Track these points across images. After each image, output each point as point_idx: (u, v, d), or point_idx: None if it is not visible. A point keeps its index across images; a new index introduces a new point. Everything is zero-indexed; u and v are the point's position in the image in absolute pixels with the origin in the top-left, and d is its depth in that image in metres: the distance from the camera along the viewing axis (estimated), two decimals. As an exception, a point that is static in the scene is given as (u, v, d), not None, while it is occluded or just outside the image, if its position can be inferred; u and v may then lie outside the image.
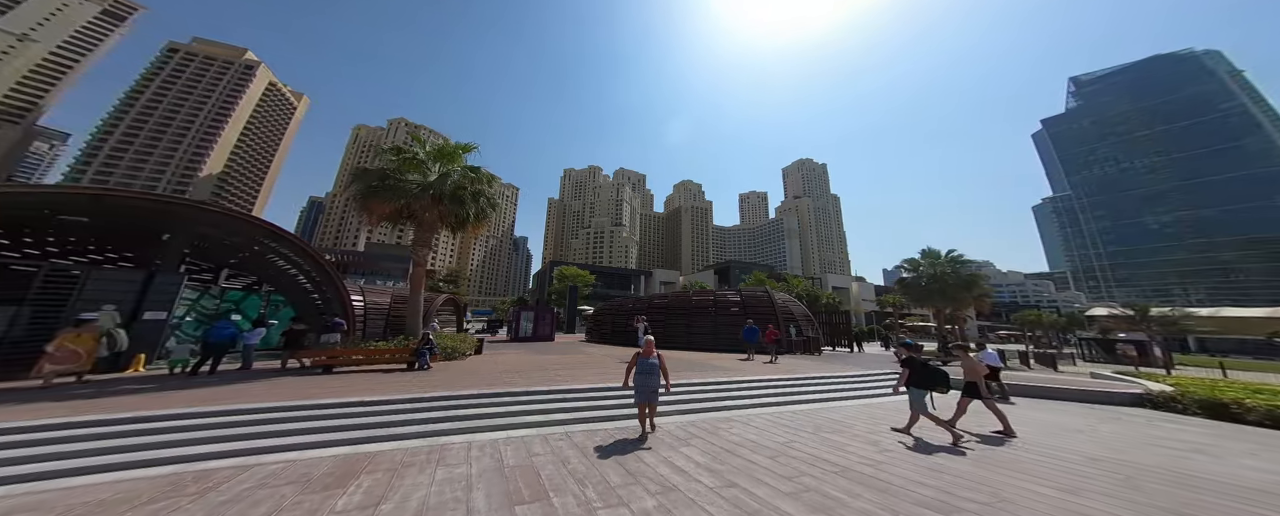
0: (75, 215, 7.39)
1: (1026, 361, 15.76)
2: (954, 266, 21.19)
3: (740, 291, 19.06)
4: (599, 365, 10.04)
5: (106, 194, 6.76)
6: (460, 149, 11.72)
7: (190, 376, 6.63)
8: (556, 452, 4.06)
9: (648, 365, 4.53)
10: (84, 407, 4.33)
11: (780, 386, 7.80)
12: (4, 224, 7.39)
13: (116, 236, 8.76)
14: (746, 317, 15.14)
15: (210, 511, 2.57)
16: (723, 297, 18.97)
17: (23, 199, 6.77)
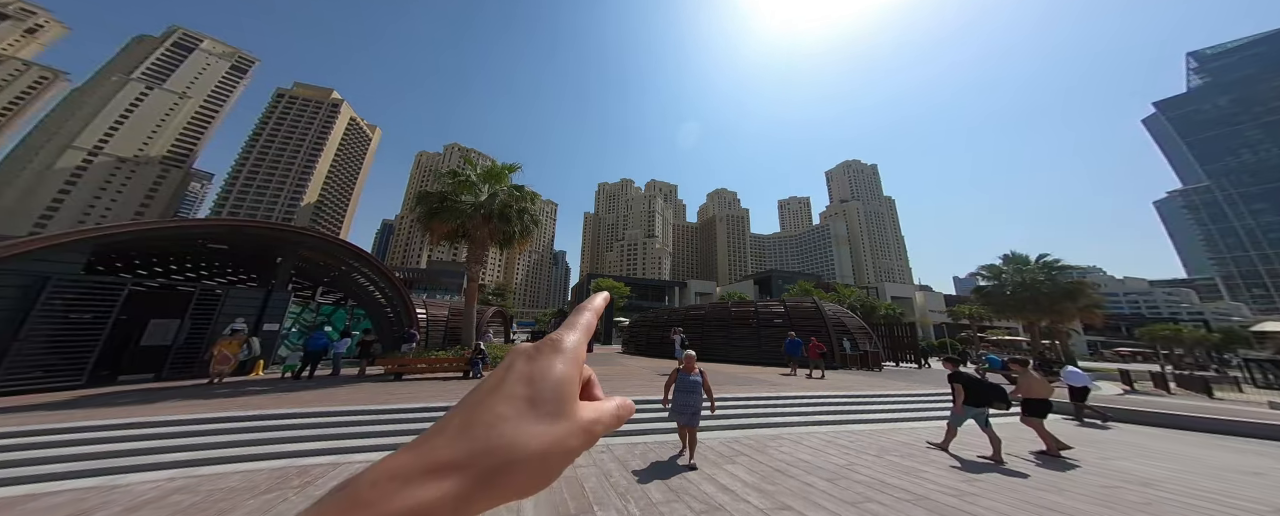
0: (218, 243, 9.19)
1: (1163, 384, 12.72)
2: (1048, 273, 18.40)
3: (784, 302, 17.97)
4: (636, 377, 9.97)
5: (241, 224, 8.34)
6: (506, 169, 12.67)
7: (295, 380, 7.74)
8: (598, 465, 4.06)
9: (689, 382, 4.09)
10: (224, 406, 5.22)
11: (835, 403, 7.16)
12: (172, 252, 9.40)
13: (243, 260, 10.68)
14: (791, 330, 14.21)
15: (251, 512, 2.86)
16: (765, 308, 18.02)
17: (187, 230, 8.58)
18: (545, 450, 0.19)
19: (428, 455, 0.17)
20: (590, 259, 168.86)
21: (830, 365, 12.84)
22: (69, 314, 6.32)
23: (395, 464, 0.17)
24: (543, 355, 0.23)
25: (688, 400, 4.05)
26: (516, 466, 0.18)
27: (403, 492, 0.16)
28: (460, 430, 0.18)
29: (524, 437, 0.19)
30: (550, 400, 0.21)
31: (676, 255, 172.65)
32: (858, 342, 15.41)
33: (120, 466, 3.52)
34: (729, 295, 56.22)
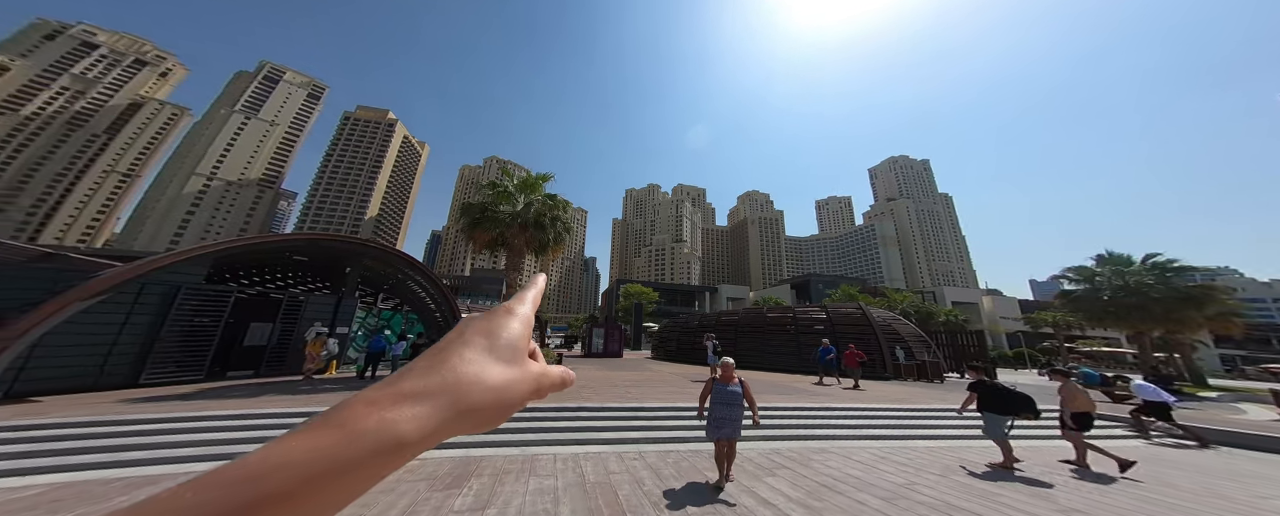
0: (300, 255, 10.56)
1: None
2: (1160, 275, 15.76)
3: (825, 307, 16.93)
4: (668, 382, 9.86)
5: (318, 238, 9.53)
6: (540, 179, 13.30)
7: (360, 379, 8.66)
8: (632, 472, 4.07)
9: (727, 392, 3.63)
10: (309, 401, 6.00)
11: (890, 417, 6.62)
12: (265, 263, 10.95)
13: (319, 270, 12.16)
14: (834, 337, 13.37)
15: (375, 493, 3.21)
16: (804, 314, 17.09)
17: (278, 244, 9.98)
18: (503, 386, 0.22)
19: (397, 386, 0.20)
20: (619, 265, 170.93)
21: (880, 375, 11.82)
22: (193, 318, 7.57)
23: (368, 394, 0.20)
24: (499, 316, 0.26)
25: (728, 412, 3.61)
26: (479, 395, 0.21)
27: (374, 413, 0.18)
28: (426, 370, 0.21)
29: (486, 374, 0.22)
30: (506, 349, 0.24)
31: (706, 260, 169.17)
32: (913, 351, 14.08)
33: (235, 452, 4.13)
34: (764, 300, 54.12)
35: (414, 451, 0.19)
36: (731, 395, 3.63)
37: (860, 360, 9.92)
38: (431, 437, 0.20)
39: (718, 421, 3.59)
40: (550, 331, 34.95)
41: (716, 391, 3.70)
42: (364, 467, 0.17)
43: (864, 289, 51.51)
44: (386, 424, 0.18)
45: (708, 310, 65.90)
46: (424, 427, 0.19)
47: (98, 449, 3.95)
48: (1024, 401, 4.43)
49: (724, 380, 3.74)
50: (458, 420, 0.20)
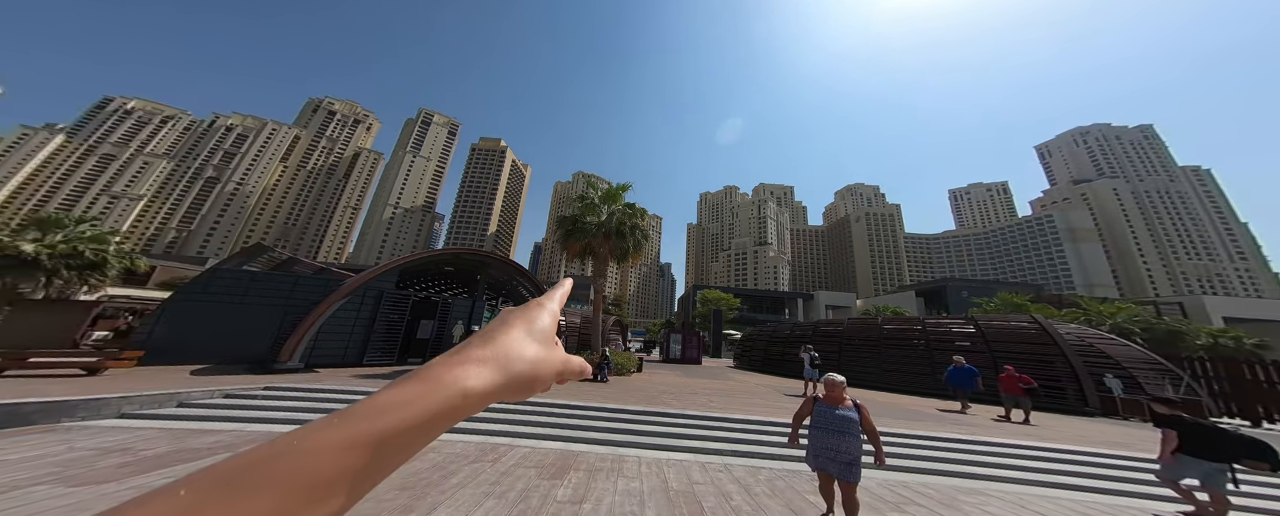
0: (448, 266, 13.71)
1: None
2: None
3: (974, 319, 13.49)
4: (753, 394, 9.29)
5: (461, 252, 12.25)
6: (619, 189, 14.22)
7: None
8: (717, 485, 4.01)
9: (837, 418, 2.88)
10: None
11: (1076, 460, 4.92)
12: (426, 272, 14.53)
13: (460, 278, 15.53)
14: (992, 357, 10.54)
15: (499, 476, 3.90)
16: (938, 327, 13.96)
17: (436, 257, 13.21)
18: (537, 360, 0.28)
19: (464, 353, 0.27)
20: (695, 270, 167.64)
21: (1076, 409, 8.84)
22: (390, 316, 10.58)
23: (444, 358, 0.26)
24: (532, 310, 0.32)
25: (838, 444, 2.82)
26: (521, 366, 0.27)
27: (450, 371, 0.25)
28: (483, 343, 0.28)
29: (526, 350, 0.28)
30: (540, 334, 0.30)
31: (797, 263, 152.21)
32: (1141, 382, 10.16)
33: None
34: (879, 309, 45.68)
35: (475, 404, 0.25)
36: (842, 421, 2.85)
37: (1026, 386, 7.66)
38: (488, 395, 0.26)
39: (824, 451, 2.86)
40: (630, 335, 36.50)
41: (819, 414, 2.97)
42: (443, 411, 0.23)
43: (1039, 297, 38.73)
44: (459, 378, 0.24)
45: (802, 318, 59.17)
46: (484, 385, 0.25)
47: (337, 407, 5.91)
48: (1247, 446, 3.52)
49: (830, 401, 2.98)
50: (506, 383, 0.27)
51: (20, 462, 3.35)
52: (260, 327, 8.90)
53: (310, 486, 0.17)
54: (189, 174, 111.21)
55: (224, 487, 0.16)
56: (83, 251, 12.20)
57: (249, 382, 6.34)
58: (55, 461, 3.42)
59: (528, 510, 3.09)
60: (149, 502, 0.16)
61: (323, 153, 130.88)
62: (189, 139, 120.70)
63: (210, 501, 0.15)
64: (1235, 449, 3.62)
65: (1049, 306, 28.30)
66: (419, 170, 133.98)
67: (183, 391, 5.50)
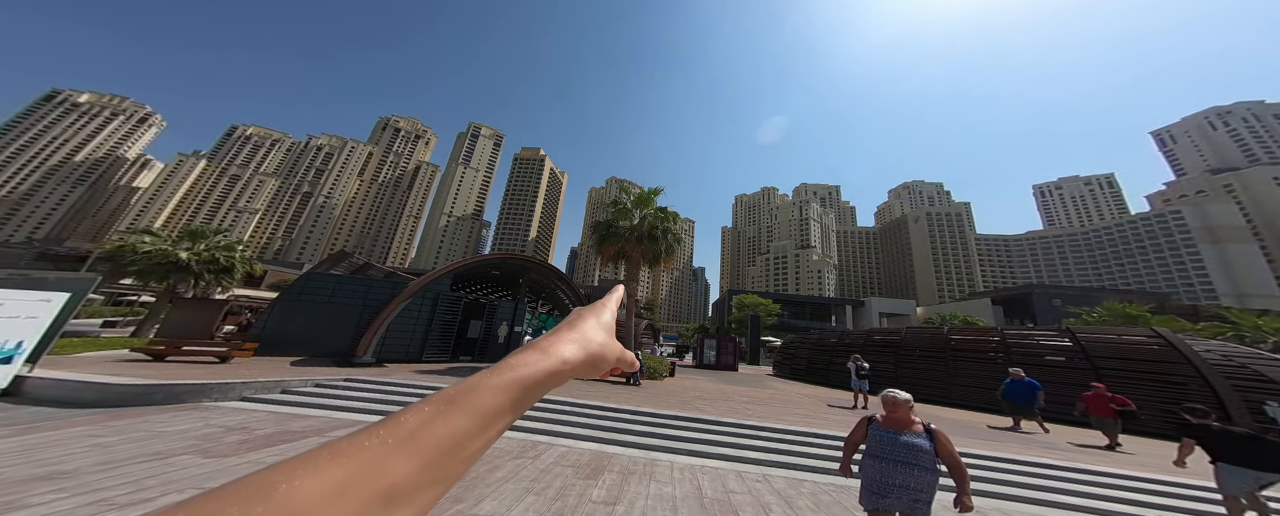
0: (494, 269, 14.73)
1: None
2: None
3: (1071, 331, 11.68)
4: (794, 404, 8.79)
5: (506, 257, 13.11)
6: (651, 193, 14.30)
7: None
8: (754, 495, 3.88)
9: (903, 446, 2.26)
10: None
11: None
12: (476, 276, 15.72)
13: (504, 281, 16.60)
14: (1097, 375, 9.10)
15: (539, 472, 4.07)
16: (1022, 340, 12.29)
17: (484, 263, 14.27)
18: (605, 344, 0.36)
19: (559, 334, 0.34)
20: (730, 274, 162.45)
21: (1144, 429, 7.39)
22: (444, 316, 11.61)
23: (548, 336, 0.34)
24: (598, 308, 0.41)
25: (903, 477, 2.19)
26: (594, 347, 0.34)
27: (555, 344, 0.32)
28: (568, 328, 0.36)
29: (599, 335, 0.36)
30: (605, 326, 0.38)
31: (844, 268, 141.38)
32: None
33: None
34: (945, 318, 40.85)
35: (570, 371, 0.32)
36: (908, 450, 2.24)
37: (1120, 407, 6.70)
38: (578, 365, 0.32)
39: (877, 487, 2.26)
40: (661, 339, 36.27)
41: (876, 440, 2.37)
42: (553, 371, 0.30)
43: (1163, 308, 32.15)
44: (561, 349, 0.32)
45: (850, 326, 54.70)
46: (574, 356, 0.32)
47: (401, 403, 6.58)
48: None
49: (892, 423, 2.37)
50: (586, 358, 0.33)
51: (175, 435, 4.21)
52: (343, 325, 10.24)
53: (485, 413, 0.24)
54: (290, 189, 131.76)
55: (447, 405, 0.23)
56: (218, 258, 14.98)
57: (334, 374, 7.33)
58: (195, 435, 4.24)
59: (565, 508, 3.21)
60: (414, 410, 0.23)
61: (390, 167, 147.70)
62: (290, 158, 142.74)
63: (439, 413, 0.23)
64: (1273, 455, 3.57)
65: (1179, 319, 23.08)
66: (469, 181, 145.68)
67: (285, 380, 6.51)
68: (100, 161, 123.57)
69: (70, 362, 6.70)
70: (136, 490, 2.89)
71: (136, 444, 3.82)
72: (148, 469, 3.27)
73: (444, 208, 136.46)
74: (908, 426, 2.35)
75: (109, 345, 8.88)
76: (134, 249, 13.44)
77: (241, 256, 16.02)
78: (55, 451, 3.51)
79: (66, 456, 3.41)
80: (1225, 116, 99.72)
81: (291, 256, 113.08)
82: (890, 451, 2.29)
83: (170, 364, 7.32)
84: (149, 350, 7.66)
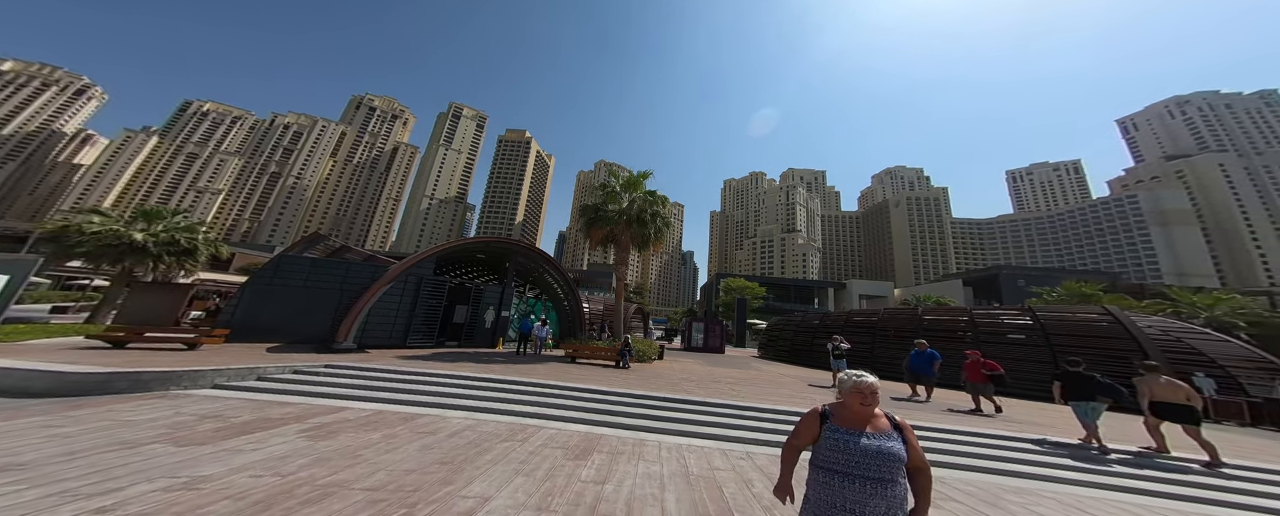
0: (480, 253, 14.38)
1: None
2: None
3: (1031, 310, 12.46)
4: (777, 384, 9.16)
5: (491, 240, 12.82)
6: (640, 177, 14.08)
7: (518, 354, 11.07)
8: (738, 472, 4.03)
9: (864, 451, 1.64)
10: (487, 369, 8.20)
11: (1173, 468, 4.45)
12: (459, 259, 15.34)
13: (490, 265, 16.27)
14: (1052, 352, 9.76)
15: (527, 455, 4.09)
16: (988, 318, 13.01)
17: (470, 246, 13.89)
18: None
19: None
20: (718, 258, 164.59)
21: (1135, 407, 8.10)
22: (429, 301, 11.34)
23: None
24: None
25: (876, 501, 1.57)
26: None
27: None
28: None
29: None
30: None
31: (828, 251, 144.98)
32: (1245, 384, 9.16)
33: (446, 404, 5.87)
34: (920, 299, 42.89)
35: None
36: (879, 458, 1.61)
37: (990, 372, 7.26)
38: None
39: (833, 507, 1.60)
40: (651, 323, 36.86)
41: (832, 443, 1.70)
42: None
43: (1114, 287, 34.63)
44: None
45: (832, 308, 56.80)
46: None
47: (385, 388, 6.46)
48: (1102, 387, 5.33)
49: (852, 420, 1.73)
50: None
51: (143, 423, 4.02)
52: (320, 310, 9.89)
53: None
54: (256, 169, 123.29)
55: None
56: (179, 240, 14.03)
57: (313, 360, 7.12)
58: (166, 423, 4.07)
59: (554, 488, 3.27)
60: None
61: (366, 147, 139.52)
62: (254, 137, 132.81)
63: None
64: (1094, 389, 5.32)
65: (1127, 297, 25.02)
66: (451, 163, 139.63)
67: (261, 366, 6.29)
68: (33, 135, 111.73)
69: (17, 350, 6.25)
70: (103, 480, 2.76)
71: (100, 433, 3.64)
72: (114, 458, 3.13)
73: (425, 190, 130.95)
74: (873, 424, 1.70)
75: (61, 332, 8.31)
76: (81, 229, 12.39)
77: (205, 238, 15.06)
78: (7, 443, 3.30)
79: (20, 447, 3.21)
80: (1183, 105, 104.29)
81: (261, 239, 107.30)
82: (851, 461, 1.62)
83: (132, 351, 6.93)
84: (108, 337, 7.22)
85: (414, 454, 3.74)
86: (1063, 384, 5.52)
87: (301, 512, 2.49)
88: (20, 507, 2.35)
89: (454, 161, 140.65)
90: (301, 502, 2.62)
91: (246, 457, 3.34)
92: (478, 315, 12.43)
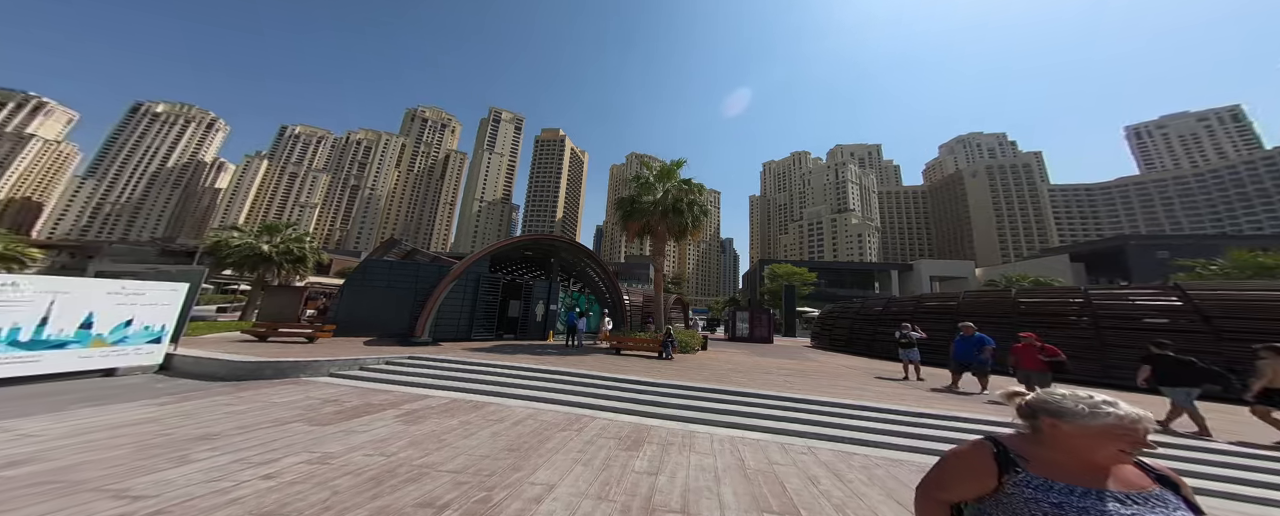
0: (527, 251, 15.31)
1: None
2: None
3: (1180, 287, 10.13)
4: (837, 376, 8.66)
5: (538, 238, 13.59)
6: (674, 166, 13.82)
7: (567, 346, 11.65)
8: (800, 467, 3.91)
9: None
10: (540, 360, 8.80)
11: None
12: (511, 257, 16.46)
13: (536, 262, 17.23)
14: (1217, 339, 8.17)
15: (584, 444, 4.30)
16: (1114, 300, 10.75)
17: (517, 244, 14.85)
18: None
19: None
20: (760, 244, 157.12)
21: None
22: (486, 297, 12.39)
23: None
24: None
25: None
26: None
27: None
28: None
29: None
30: None
31: (889, 231, 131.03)
32: None
33: (508, 393, 6.39)
34: (1010, 279, 37.09)
35: None
36: None
37: (1050, 358, 6.23)
38: None
39: None
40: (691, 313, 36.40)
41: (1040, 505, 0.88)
42: None
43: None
44: None
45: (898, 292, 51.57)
46: None
47: (458, 378, 7.24)
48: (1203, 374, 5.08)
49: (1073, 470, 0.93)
50: None
51: (285, 405, 5.00)
52: (401, 307, 11.31)
53: None
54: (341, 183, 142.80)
55: None
56: (292, 249, 16.90)
57: (400, 352, 8.22)
58: (301, 406, 5.01)
59: (610, 478, 3.45)
60: None
61: (423, 157, 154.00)
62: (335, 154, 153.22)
63: None
64: (1201, 375, 5.04)
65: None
66: (495, 166, 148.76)
67: (362, 358, 7.42)
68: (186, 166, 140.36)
69: (200, 343, 8.08)
70: (266, 451, 3.51)
71: (259, 412, 4.60)
72: (272, 433, 3.94)
73: (475, 193, 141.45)
74: (1115, 475, 0.93)
75: (224, 328, 10.57)
76: (227, 243, 15.53)
77: (310, 247, 17.94)
78: (205, 416, 4.32)
79: (212, 421, 4.19)
80: None
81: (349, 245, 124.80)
82: None
83: (271, 343, 8.59)
84: (254, 332, 9.01)
85: (486, 440, 4.18)
86: (1152, 368, 5.25)
87: (403, 490, 2.91)
88: (220, 468, 3.08)
89: (497, 164, 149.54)
90: (403, 481, 3.07)
91: (359, 438, 3.99)
92: (529, 309, 13.32)
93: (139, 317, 6.49)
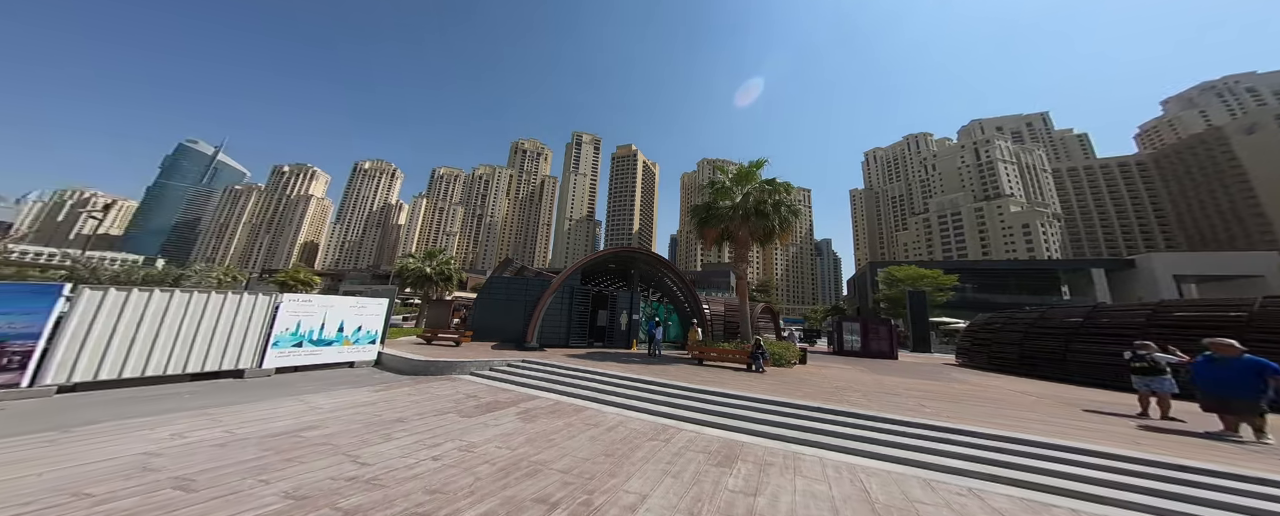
0: (611, 263, 16.45)
1: None
2: None
3: None
4: (1010, 405, 6.84)
5: (620, 251, 14.49)
6: (754, 167, 12.88)
7: (650, 355, 11.80)
8: (956, 509, 3.25)
9: None
10: (626, 369, 9.30)
11: None
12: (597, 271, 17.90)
13: (618, 273, 18.28)
14: None
15: (672, 456, 4.36)
16: None
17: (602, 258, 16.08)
18: None
19: None
20: (868, 243, 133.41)
21: None
22: (579, 307, 13.73)
23: None
24: None
25: None
26: None
27: None
28: None
29: None
30: None
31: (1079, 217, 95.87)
32: None
33: (602, 399, 6.92)
34: None
35: None
36: None
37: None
38: None
39: None
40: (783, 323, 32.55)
41: None
42: None
43: None
44: None
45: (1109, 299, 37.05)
46: None
47: (561, 382, 8.14)
48: None
49: None
50: None
51: (443, 397, 6.51)
52: (516, 317, 13.40)
53: None
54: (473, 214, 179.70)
55: None
56: (444, 270, 21.99)
57: (516, 356, 9.79)
58: (452, 399, 6.43)
59: (701, 494, 3.40)
60: None
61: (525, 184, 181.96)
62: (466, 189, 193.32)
63: None
64: None
65: None
66: (581, 186, 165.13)
67: (490, 360, 9.10)
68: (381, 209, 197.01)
69: (395, 344, 11.17)
70: (434, 434, 4.64)
71: (427, 402, 6.09)
72: (437, 421, 5.18)
73: (566, 213, 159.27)
74: None
75: (408, 333, 14.37)
76: (406, 268, 21.21)
77: (454, 268, 23.07)
78: (399, 403, 5.96)
79: (402, 407, 5.74)
80: None
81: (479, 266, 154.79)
82: None
83: (434, 346, 11.27)
84: (423, 336, 11.97)
85: (586, 443, 4.61)
86: None
87: (523, 484, 3.46)
88: (407, 448, 4.21)
89: (582, 185, 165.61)
90: (523, 475, 3.65)
91: (492, 431, 4.89)
92: (614, 318, 14.19)
93: (365, 324, 9.38)
